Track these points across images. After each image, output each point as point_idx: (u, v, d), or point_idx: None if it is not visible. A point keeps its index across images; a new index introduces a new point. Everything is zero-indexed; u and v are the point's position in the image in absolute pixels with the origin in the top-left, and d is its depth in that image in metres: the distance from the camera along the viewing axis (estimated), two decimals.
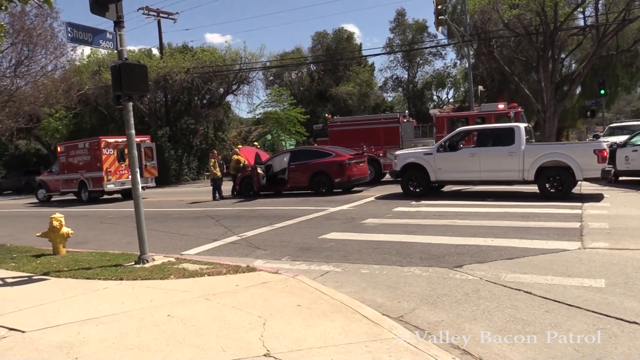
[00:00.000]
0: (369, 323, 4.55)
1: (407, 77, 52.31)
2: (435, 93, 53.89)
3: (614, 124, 24.15)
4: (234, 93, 39.18)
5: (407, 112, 25.22)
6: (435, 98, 53.88)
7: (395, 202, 13.77)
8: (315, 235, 9.50)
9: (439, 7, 23.56)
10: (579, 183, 12.88)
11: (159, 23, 36.30)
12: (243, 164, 19.11)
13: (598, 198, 12.44)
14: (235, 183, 19.48)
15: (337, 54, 47.41)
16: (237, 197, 18.87)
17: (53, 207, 21.66)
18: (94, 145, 22.27)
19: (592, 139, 22.58)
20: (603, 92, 28.13)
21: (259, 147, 24.65)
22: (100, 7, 7.31)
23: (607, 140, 14.88)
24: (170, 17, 36.76)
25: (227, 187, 20.13)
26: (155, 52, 39.47)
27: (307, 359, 3.86)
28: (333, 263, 7.31)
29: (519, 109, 19.31)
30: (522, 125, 13.52)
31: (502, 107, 19.28)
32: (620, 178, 15.44)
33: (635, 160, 14.17)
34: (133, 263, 7.64)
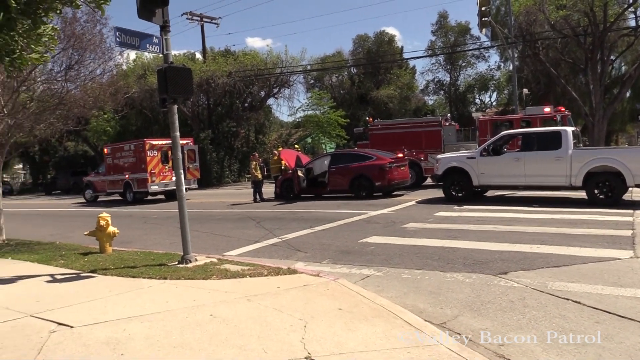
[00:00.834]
0: (411, 329, 4.48)
1: (449, 80, 51.72)
2: (478, 96, 53.17)
3: None
4: (275, 96, 39.59)
5: (449, 115, 24.91)
6: (478, 101, 53.13)
7: (437, 206, 13.58)
8: (356, 239, 9.45)
9: (483, 8, 23.16)
10: (630, 189, 12.38)
11: (202, 28, 37.08)
12: (284, 167, 19.24)
13: None
14: (276, 185, 19.63)
15: (378, 57, 47.24)
16: (277, 199, 19.01)
17: (99, 207, 22.33)
18: (139, 147, 22.87)
19: None
20: None
21: (300, 150, 24.74)
22: (148, 12, 7.49)
23: None
24: (213, 21, 37.49)
25: (267, 189, 20.29)
26: (199, 56, 40.29)
27: None
28: (374, 267, 7.25)
29: (566, 112, 18.76)
30: (569, 129, 13.11)
31: (548, 110, 18.77)
32: None
33: None
34: (176, 263, 7.77)
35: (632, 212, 10.89)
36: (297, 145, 26.72)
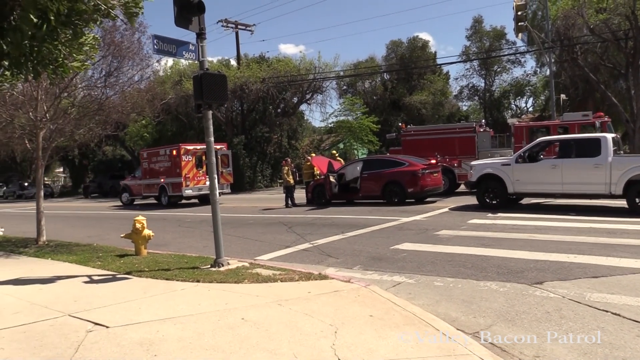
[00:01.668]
0: (443, 337, 4.42)
1: (483, 85, 50.90)
2: (514, 102, 52.19)
3: None
4: (308, 102, 39.72)
5: (483, 121, 24.49)
6: (514, 107, 52.17)
7: (470, 213, 13.39)
8: (388, 245, 9.40)
9: (519, 13, 22.76)
10: None
11: (237, 35, 37.49)
12: (317, 173, 19.28)
13: None
14: (307, 191, 19.69)
15: (411, 63, 46.95)
16: (309, 204, 19.06)
17: (135, 210, 22.81)
18: (174, 152, 23.28)
19: None
20: None
21: (337, 155, 24.63)
22: (185, 20, 7.66)
23: None
24: (248, 28, 37.91)
25: (299, 194, 20.38)
26: (233, 62, 40.78)
27: None
28: (405, 274, 7.19)
29: (606, 119, 18.25)
30: (609, 136, 12.75)
31: (587, 116, 18.30)
32: None
33: None
34: (209, 266, 7.87)
35: None
36: (334, 152, 26.68)
